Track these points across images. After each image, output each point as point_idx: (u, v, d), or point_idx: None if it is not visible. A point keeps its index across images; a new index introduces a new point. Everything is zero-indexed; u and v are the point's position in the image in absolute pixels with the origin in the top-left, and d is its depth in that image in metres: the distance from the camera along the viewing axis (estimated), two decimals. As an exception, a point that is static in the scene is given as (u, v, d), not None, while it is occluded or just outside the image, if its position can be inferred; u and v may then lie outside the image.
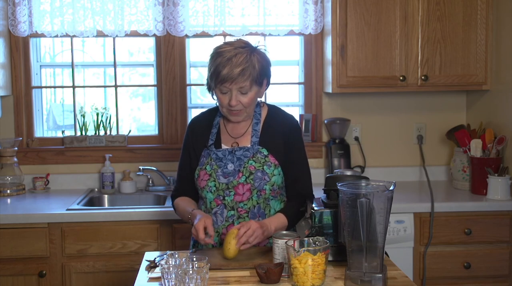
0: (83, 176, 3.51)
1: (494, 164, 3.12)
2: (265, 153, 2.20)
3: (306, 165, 2.27)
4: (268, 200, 2.21)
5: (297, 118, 3.58)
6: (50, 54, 3.77)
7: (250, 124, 2.26)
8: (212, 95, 2.21)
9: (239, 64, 2.08)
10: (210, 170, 2.20)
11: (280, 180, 2.21)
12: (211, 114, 2.33)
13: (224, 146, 2.25)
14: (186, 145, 2.32)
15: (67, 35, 3.39)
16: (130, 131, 3.58)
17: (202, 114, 2.38)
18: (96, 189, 3.48)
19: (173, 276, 1.72)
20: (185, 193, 2.32)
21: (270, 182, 2.17)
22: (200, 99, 3.71)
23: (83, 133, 3.53)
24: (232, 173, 2.18)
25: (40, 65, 3.61)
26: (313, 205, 2.06)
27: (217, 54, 2.12)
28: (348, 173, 2.14)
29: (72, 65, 3.54)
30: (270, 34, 3.46)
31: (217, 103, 2.22)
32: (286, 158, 2.22)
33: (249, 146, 2.21)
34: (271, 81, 3.71)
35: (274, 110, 2.31)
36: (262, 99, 2.35)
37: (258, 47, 2.18)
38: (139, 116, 3.81)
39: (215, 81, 2.12)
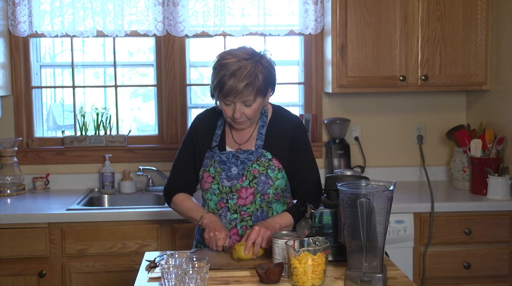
0: (83, 176, 3.51)
1: (494, 164, 3.12)
2: (269, 156, 2.19)
3: (313, 165, 2.25)
4: (271, 203, 2.20)
5: (297, 118, 3.59)
6: (50, 54, 3.77)
7: (255, 128, 2.24)
8: (216, 102, 2.18)
9: (243, 79, 2.03)
10: (213, 172, 2.19)
11: (283, 184, 2.20)
12: (215, 114, 2.29)
13: (228, 148, 2.23)
14: (189, 141, 2.28)
15: (67, 35, 3.39)
16: (130, 131, 3.58)
17: (206, 113, 2.34)
18: (96, 189, 3.48)
19: (173, 276, 1.72)
20: (182, 188, 2.29)
21: (273, 186, 2.17)
22: (201, 99, 3.71)
23: (83, 133, 3.53)
24: (236, 177, 2.17)
25: (40, 65, 3.61)
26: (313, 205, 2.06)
27: (221, 66, 2.07)
28: (348, 173, 2.14)
29: (72, 65, 3.54)
30: (270, 34, 3.46)
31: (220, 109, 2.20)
32: (291, 159, 2.21)
33: (253, 149, 2.20)
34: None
35: (278, 112, 2.29)
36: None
37: (263, 54, 2.13)
38: (139, 116, 3.81)
39: (219, 94, 2.08)
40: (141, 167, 3.42)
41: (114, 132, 3.57)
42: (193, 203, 2.26)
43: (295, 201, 2.31)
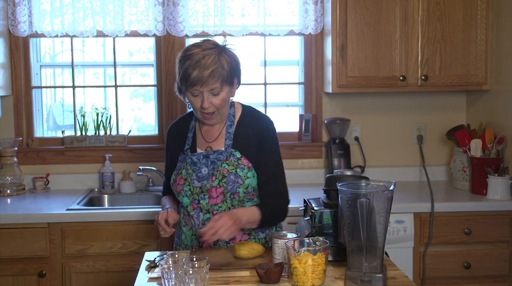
0: (83, 176, 3.51)
1: (494, 164, 3.12)
2: (238, 155, 2.19)
3: (278, 164, 2.25)
4: (243, 202, 2.21)
5: (297, 118, 3.59)
6: (50, 54, 3.77)
7: (224, 127, 2.25)
8: (184, 98, 2.21)
9: (208, 66, 2.07)
10: (185, 174, 2.22)
11: (254, 182, 2.20)
12: (187, 119, 2.34)
13: (199, 150, 2.25)
14: (166, 149, 2.37)
15: (67, 35, 3.39)
16: (130, 131, 3.58)
17: (180, 119, 2.40)
18: (96, 189, 3.48)
19: (173, 276, 1.72)
20: (169, 192, 2.41)
21: (243, 185, 2.17)
22: (200, 99, 3.71)
23: (83, 133, 3.53)
24: (206, 177, 2.18)
25: (40, 65, 3.61)
26: (313, 205, 2.06)
27: (185, 57, 2.11)
28: (348, 173, 2.14)
29: (72, 65, 3.54)
30: (270, 34, 3.46)
31: (190, 107, 2.24)
32: (258, 158, 2.21)
33: (223, 149, 2.22)
34: (271, 82, 3.74)
35: (248, 111, 2.30)
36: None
37: (226, 46, 2.17)
38: (139, 116, 3.82)
39: (186, 85, 2.11)
40: (141, 167, 3.42)
41: (114, 132, 3.57)
42: (168, 201, 2.36)
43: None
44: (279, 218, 2.26)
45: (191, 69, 2.07)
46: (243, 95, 2.19)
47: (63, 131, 3.56)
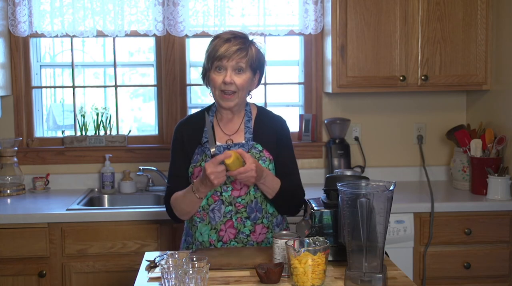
0: (83, 176, 3.51)
1: (494, 164, 3.12)
2: (260, 148, 2.24)
3: (295, 162, 2.35)
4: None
5: (297, 118, 3.59)
6: (50, 54, 3.77)
7: (242, 121, 2.29)
8: (207, 84, 2.24)
9: (237, 44, 2.17)
10: None
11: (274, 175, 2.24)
12: (201, 115, 2.34)
13: (218, 143, 2.26)
14: (176, 147, 2.31)
15: (67, 35, 3.39)
16: (130, 131, 3.58)
17: (190, 116, 2.40)
18: (96, 189, 3.48)
19: (173, 276, 1.72)
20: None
21: None
22: (201, 99, 3.71)
23: (83, 133, 3.53)
24: None
25: (40, 65, 3.61)
26: (313, 205, 2.06)
27: (216, 37, 2.22)
28: (348, 173, 2.14)
29: (72, 65, 3.54)
30: (270, 34, 3.46)
31: (211, 94, 2.25)
32: (277, 154, 2.27)
33: (244, 141, 2.24)
34: (271, 82, 3.74)
35: (263, 110, 2.37)
36: (256, 101, 2.39)
37: (254, 41, 2.26)
38: (139, 116, 3.82)
39: (212, 59, 2.17)
40: (141, 167, 3.42)
41: (114, 132, 3.57)
42: (184, 190, 2.23)
43: None
44: (293, 206, 2.29)
45: (219, 45, 2.16)
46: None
47: (63, 131, 3.56)
